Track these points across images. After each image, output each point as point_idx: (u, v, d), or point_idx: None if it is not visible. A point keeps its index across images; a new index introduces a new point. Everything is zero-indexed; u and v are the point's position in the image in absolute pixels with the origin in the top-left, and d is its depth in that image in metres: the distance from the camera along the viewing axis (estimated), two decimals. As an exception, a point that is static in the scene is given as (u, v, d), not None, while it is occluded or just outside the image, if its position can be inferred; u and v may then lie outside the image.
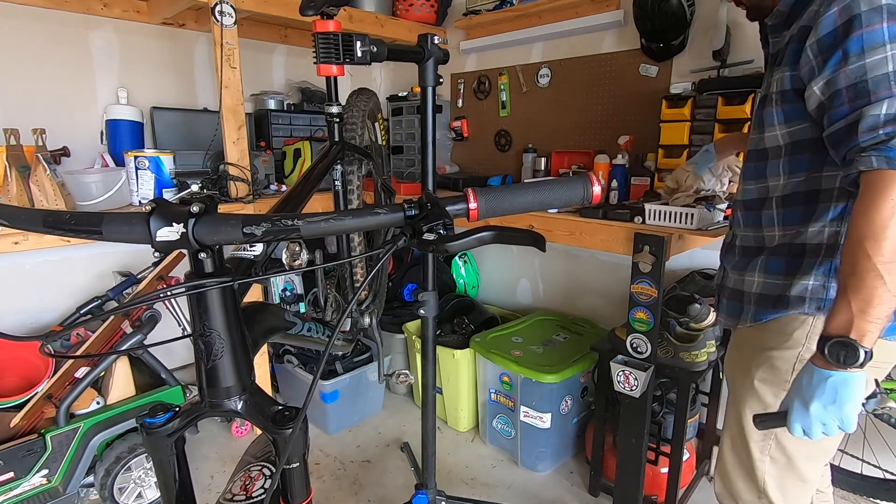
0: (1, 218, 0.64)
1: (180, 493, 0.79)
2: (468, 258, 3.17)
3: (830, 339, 0.92)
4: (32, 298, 2.44)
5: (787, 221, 1.14)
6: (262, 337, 0.91)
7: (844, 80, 0.93)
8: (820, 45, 0.96)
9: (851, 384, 0.92)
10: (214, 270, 0.67)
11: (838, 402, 0.92)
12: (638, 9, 2.19)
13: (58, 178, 1.96)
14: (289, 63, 3.25)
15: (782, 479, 1.20)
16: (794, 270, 1.12)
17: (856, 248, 0.90)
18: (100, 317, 2.20)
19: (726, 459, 1.30)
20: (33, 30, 2.33)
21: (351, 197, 1.80)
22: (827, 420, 0.94)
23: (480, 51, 3.01)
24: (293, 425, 0.71)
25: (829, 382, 0.92)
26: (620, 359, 1.84)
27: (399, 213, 0.64)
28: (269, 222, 0.60)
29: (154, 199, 0.61)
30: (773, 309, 1.16)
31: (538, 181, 0.66)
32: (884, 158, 0.88)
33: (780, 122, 1.10)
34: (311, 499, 0.77)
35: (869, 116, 0.90)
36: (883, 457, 1.97)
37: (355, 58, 1.26)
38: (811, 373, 0.95)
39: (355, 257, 1.91)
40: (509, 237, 0.61)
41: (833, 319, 0.93)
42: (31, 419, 1.93)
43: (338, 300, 2.00)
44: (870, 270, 0.88)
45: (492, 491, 2.23)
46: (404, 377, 1.97)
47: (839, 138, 0.96)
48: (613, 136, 2.44)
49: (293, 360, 2.68)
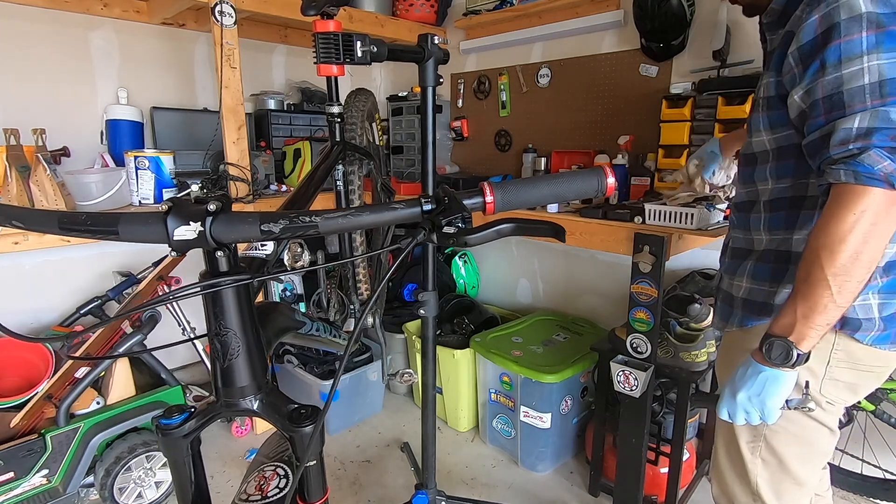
0: (15, 220, 0.63)
1: (196, 495, 0.78)
2: (468, 258, 3.17)
3: (771, 338, 0.97)
4: (32, 298, 2.43)
5: (773, 226, 1.14)
6: (275, 336, 0.91)
7: (821, 91, 0.92)
8: (801, 53, 0.96)
9: (780, 381, 0.98)
10: (230, 269, 0.67)
11: (763, 395, 1.00)
12: (638, 9, 2.20)
13: (58, 178, 1.95)
14: (289, 63, 3.25)
15: (776, 482, 1.21)
16: (779, 278, 1.13)
17: (811, 257, 0.93)
18: (120, 317, 2.18)
19: (720, 461, 1.30)
20: (33, 30, 2.32)
21: (352, 197, 1.80)
22: (750, 409, 1.03)
23: (480, 51, 3.02)
24: (310, 423, 0.71)
25: (759, 376, 1.00)
26: (620, 359, 1.84)
27: (416, 208, 0.63)
28: (286, 219, 0.60)
29: (170, 198, 0.60)
30: (758, 316, 1.17)
31: (553, 174, 0.66)
32: (851, 173, 0.88)
33: (766, 128, 1.10)
34: (328, 497, 0.77)
35: (841, 130, 0.89)
36: (883, 457, 1.98)
37: (355, 58, 1.26)
38: (747, 365, 1.03)
39: (368, 255, 1.91)
40: (529, 229, 0.61)
41: (778, 319, 0.98)
42: (31, 419, 1.92)
43: (341, 299, 2.00)
44: (820, 280, 0.91)
45: (492, 491, 2.24)
46: (408, 376, 1.97)
47: (814, 149, 0.96)
48: (613, 136, 2.45)
49: (293, 360, 2.68)
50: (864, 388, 1.13)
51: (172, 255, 0.62)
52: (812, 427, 1.15)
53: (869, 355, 1.07)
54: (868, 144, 0.87)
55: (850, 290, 0.91)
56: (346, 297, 1.95)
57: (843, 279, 0.89)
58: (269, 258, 0.83)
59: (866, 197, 0.87)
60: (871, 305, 1.05)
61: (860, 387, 1.12)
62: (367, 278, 1.95)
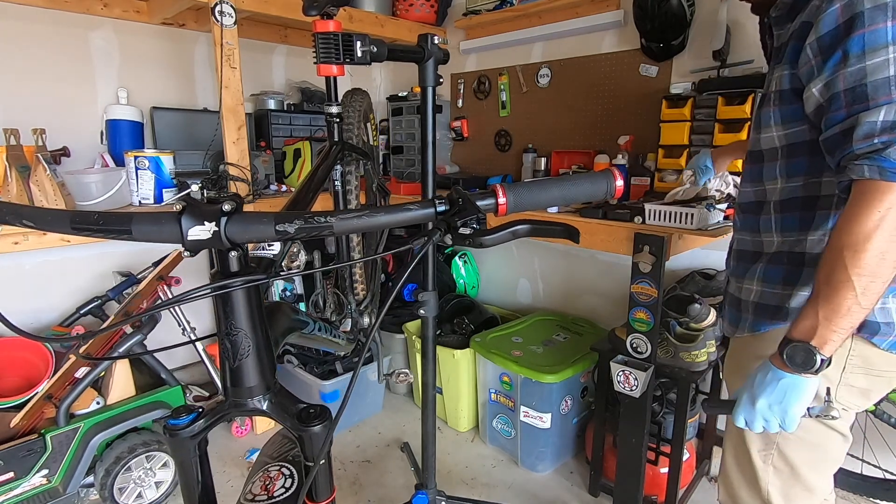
0: (27, 219, 0.63)
1: (202, 495, 0.78)
2: (468, 258, 3.17)
3: (791, 343, 0.92)
4: (32, 298, 2.43)
5: (785, 227, 1.10)
6: (282, 336, 0.91)
7: (843, 83, 0.88)
8: (820, 44, 0.91)
9: (801, 388, 0.93)
10: (240, 269, 0.67)
11: (784, 402, 0.94)
12: (638, 9, 2.21)
13: (58, 178, 1.95)
14: (289, 63, 3.25)
15: (787, 488, 1.18)
16: (793, 280, 1.09)
17: (834, 258, 0.88)
18: (132, 320, 2.17)
19: (729, 468, 1.27)
20: (33, 30, 2.31)
21: (349, 197, 1.80)
22: (770, 417, 0.97)
23: (480, 51, 3.02)
24: (319, 423, 0.71)
25: (780, 383, 0.94)
26: (620, 359, 1.84)
27: (430, 209, 0.64)
28: (301, 220, 0.60)
29: (183, 197, 0.60)
30: (771, 320, 1.13)
31: (563, 176, 0.66)
32: (876, 168, 0.84)
33: (777, 123, 1.06)
34: (335, 496, 0.77)
35: (865, 123, 0.85)
36: (883, 457, 1.98)
37: (355, 58, 1.25)
38: (766, 370, 0.97)
39: (381, 255, 1.92)
40: (544, 230, 0.61)
41: (798, 323, 0.93)
42: (31, 419, 1.92)
43: (338, 300, 2.00)
44: (844, 281, 0.87)
45: (492, 491, 2.24)
46: (404, 376, 1.97)
47: (834, 144, 0.92)
48: (613, 136, 2.46)
49: (293, 360, 2.68)
50: (877, 393, 1.10)
51: (185, 255, 0.62)
52: (825, 433, 1.12)
53: (884, 360, 1.05)
54: (894, 138, 0.83)
55: (875, 292, 0.87)
56: (343, 297, 1.96)
57: (868, 280, 0.85)
58: (276, 258, 0.83)
59: (892, 193, 0.83)
60: (890, 309, 1.01)
61: (873, 392, 1.09)
62: (363, 278, 1.95)
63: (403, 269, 2.43)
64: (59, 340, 1.44)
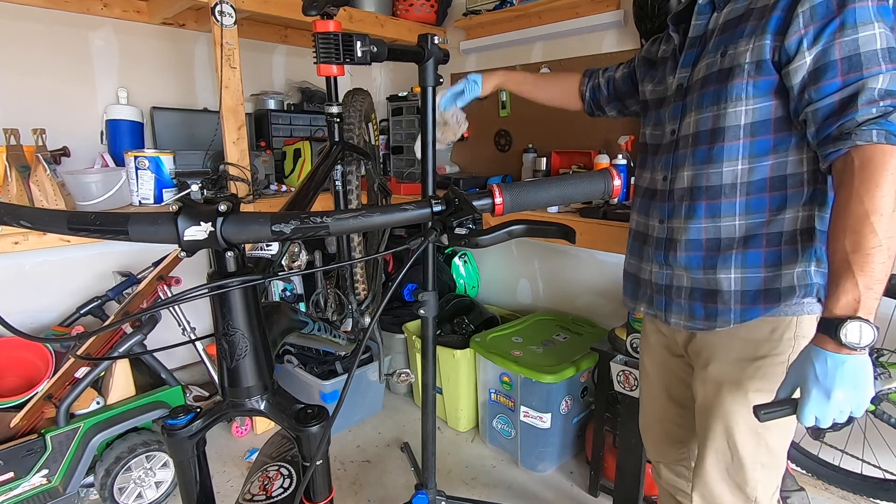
0: (24, 220, 0.63)
1: (200, 495, 0.78)
2: (468, 258, 3.17)
3: (842, 322, 0.86)
4: (32, 298, 2.43)
5: (752, 209, 1.08)
6: (280, 336, 0.91)
7: (839, 52, 0.92)
8: (813, 14, 0.94)
9: (867, 367, 0.88)
10: (237, 269, 0.67)
11: (859, 387, 0.88)
12: (638, 9, 2.21)
13: (58, 178, 1.95)
14: (289, 63, 3.25)
15: (768, 479, 1.17)
16: (776, 261, 1.08)
17: (858, 226, 0.87)
18: (131, 319, 2.16)
19: (708, 474, 1.22)
20: (33, 30, 2.32)
21: (350, 197, 1.80)
22: (845, 408, 0.89)
23: (480, 51, 3.02)
24: (317, 423, 0.71)
25: (846, 367, 0.86)
26: (620, 359, 1.85)
27: (426, 209, 0.64)
28: (297, 220, 0.60)
29: (179, 198, 0.60)
30: (765, 304, 1.10)
31: (560, 176, 0.66)
32: (884, 133, 0.87)
33: (749, 97, 1.04)
34: (333, 497, 0.77)
35: (867, 90, 0.89)
36: (883, 457, 1.98)
37: (355, 58, 1.25)
38: (823, 359, 0.88)
39: (382, 254, 1.91)
40: (540, 230, 0.61)
41: (838, 300, 0.88)
42: (31, 419, 1.92)
43: (339, 299, 2.01)
44: (877, 246, 0.86)
45: (492, 491, 2.24)
46: (405, 376, 1.97)
47: (828, 112, 0.93)
48: (613, 136, 2.45)
49: (293, 360, 2.68)
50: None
51: (181, 256, 0.62)
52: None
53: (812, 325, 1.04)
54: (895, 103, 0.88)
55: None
56: (343, 296, 1.96)
57: (893, 240, 0.86)
58: (273, 258, 0.83)
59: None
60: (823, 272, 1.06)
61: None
62: (364, 278, 1.96)
63: (401, 269, 2.41)
64: (59, 340, 1.43)
